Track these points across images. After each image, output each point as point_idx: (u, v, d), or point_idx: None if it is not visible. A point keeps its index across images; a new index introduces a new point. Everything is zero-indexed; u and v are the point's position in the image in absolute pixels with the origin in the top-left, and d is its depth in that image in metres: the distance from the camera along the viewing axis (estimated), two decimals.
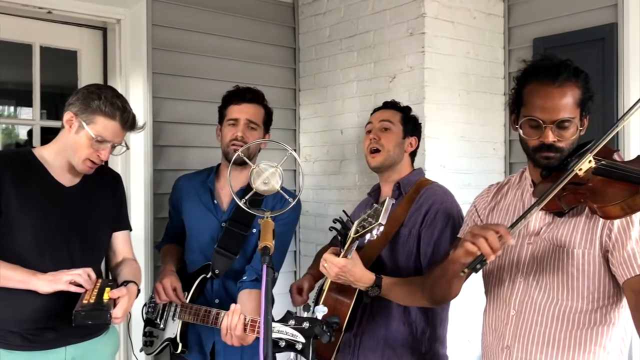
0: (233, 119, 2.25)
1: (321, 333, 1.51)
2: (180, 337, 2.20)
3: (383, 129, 2.14)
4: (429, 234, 1.99)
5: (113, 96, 1.90)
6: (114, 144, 1.91)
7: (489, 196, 1.77)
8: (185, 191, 2.38)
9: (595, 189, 1.40)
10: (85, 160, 1.89)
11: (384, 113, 2.20)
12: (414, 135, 2.20)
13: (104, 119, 1.86)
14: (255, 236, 2.23)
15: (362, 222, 1.82)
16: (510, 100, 1.63)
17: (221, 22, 3.11)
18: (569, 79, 1.50)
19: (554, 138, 1.49)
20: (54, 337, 1.87)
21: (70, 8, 2.65)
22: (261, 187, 1.61)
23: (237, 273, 2.22)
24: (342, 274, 1.84)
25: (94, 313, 1.69)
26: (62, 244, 1.88)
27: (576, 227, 1.51)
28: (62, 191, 1.92)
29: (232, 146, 2.22)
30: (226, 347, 2.17)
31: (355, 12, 3.04)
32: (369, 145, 2.15)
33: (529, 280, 1.57)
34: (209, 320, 2.07)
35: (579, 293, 1.50)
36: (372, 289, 1.87)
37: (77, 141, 1.87)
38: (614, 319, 1.51)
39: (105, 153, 1.91)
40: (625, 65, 2.54)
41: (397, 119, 2.17)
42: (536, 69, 1.55)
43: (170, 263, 2.32)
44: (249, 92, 2.29)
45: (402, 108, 2.23)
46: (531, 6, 2.91)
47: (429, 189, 2.07)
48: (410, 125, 2.19)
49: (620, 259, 1.43)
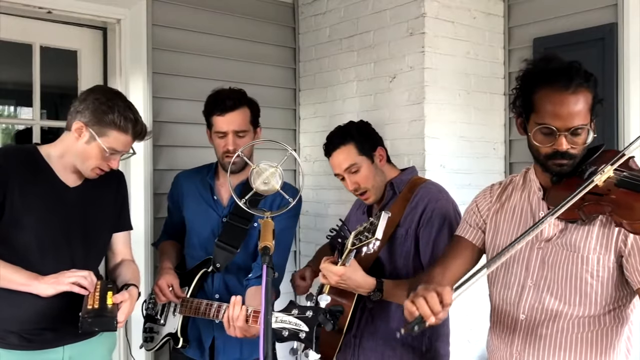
0: (221, 132, 2.21)
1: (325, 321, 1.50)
2: (181, 331, 2.20)
3: (352, 173, 2.07)
4: (426, 233, 1.99)
5: (125, 108, 1.89)
6: (121, 153, 1.92)
7: (492, 197, 1.75)
8: (186, 187, 2.38)
9: (620, 203, 1.35)
10: (95, 169, 1.90)
11: (340, 157, 2.08)
12: (376, 147, 2.12)
13: (117, 133, 1.86)
14: (256, 230, 2.22)
15: (359, 234, 1.81)
16: (515, 102, 1.59)
17: (221, 22, 3.11)
18: (582, 84, 1.46)
19: (567, 146, 1.46)
20: (52, 337, 1.87)
21: (70, 8, 2.65)
22: (261, 187, 1.60)
23: (237, 267, 2.22)
24: (343, 282, 1.84)
25: (100, 320, 1.70)
26: (64, 244, 1.88)
27: (590, 232, 1.49)
28: (66, 191, 1.92)
29: (227, 158, 2.21)
30: (226, 342, 2.19)
31: (355, 12, 3.04)
32: (353, 192, 2.12)
33: (539, 285, 1.55)
34: (210, 313, 2.07)
35: (592, 299, 1.48)
36: (374, 294, 1.87)
37: (86, 150, 1.87)
38: (623, 319, 1.51)
39: (116, 163, 1.93)
40: (625, 65, 2.54)
41: (355, 154, 2.07)
42: (547, 73, 1.50)
43: (167, 261, 2.32)
44: (229, 99, 2.21)
45: (349, 135, 2.09)
46: (531, 6, 2.91)
47: (423, 188, 2.07)
48: (367, 145, 2.09)
49: (636, 265, 1.42)
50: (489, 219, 1.72)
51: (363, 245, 1.77)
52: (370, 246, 1.75)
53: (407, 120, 2.76)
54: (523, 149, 1.66)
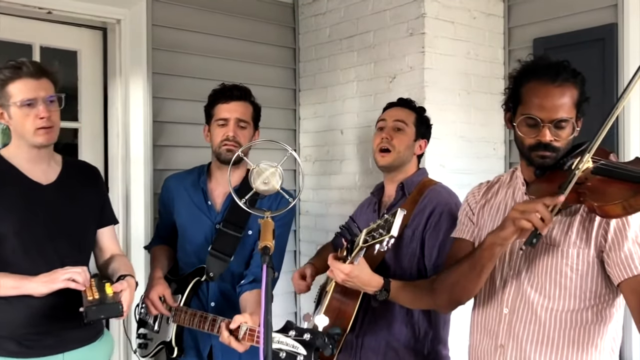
0: (222, 119, 2.20)
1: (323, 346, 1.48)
2: (176, 340, 2.16)
3: (396, 129, 2.11)
4: (434, 236, 1.98)
5: (7, 62, 1.82)
6: (43, 98, 1.81)
7: (479, 194, 1.78)
8: (176, 192, 2.33)
9: (595, 188, 1.40)
10: (36, 131, 1.82)
11: (399, 112, 2.16)
12: (425, 137, 2.18)
13: (12, 84, 1.79)
14: (250, 238, 2.19)
15: (372, 231, 1.77)
16: (506, 98, 1.63)
17: (221, 22, 3.11)
18: (568, 79, 1.50)
19: (551, 137, 1.49)
20: (52, 343, 1.83)
21: (70, 8, 2.65)
22: (261, 187, 1.60)
23: (233, 276, 2.19)
24: (350, 280, 1.82)
25: (105, 307, 1.68)
26: (48, 245, 1.84)
27: (570, 226, 1.51)
28: (40, 190, 1.87)
29: (224, 146, 2.18)
30: (224, 350, 2.13)
31: (355, 12, 3.04)
32: (379, 143, 2.12)
33: (521, 279, 1.57)
34: (204, 326, 2.01)
35: (572, 292, 1.50)
36: (381, 293, 1.85)
37: (15, 122, 1.82)
38: (606, 317, 1.52)
39: (44, 110, 1.80)
40: (625, 65, 2.54)
41: (412, 120, 2.13)
42: (535, 68, 1.55)
43: (158, 269, 2.25)
44: (236, 90, 2.23)
45: (417, 109, 2.19)
46: (531, 6, 2.91)
47: (433, 190, 2.06)
48: (422, 128, 2.16)
49: (617, 260, 1.43)
50: (476, 215, 1.74)
51: (376, 243, 1.74)
52: (384, 244, 1.71)
53: None
54: None
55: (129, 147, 2.83)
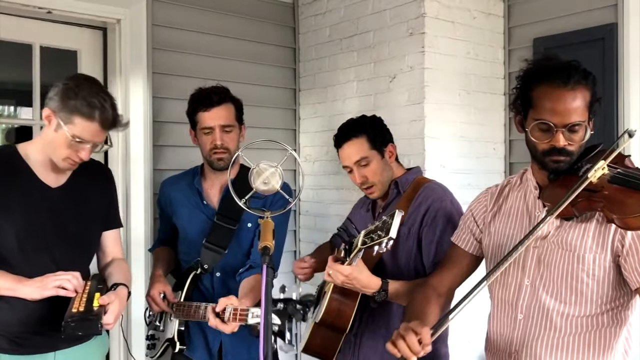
0: (207, 128, 2.20)
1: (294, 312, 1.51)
2: (178, 336, 2.19)
3: (362, 167, 2.05)
4: (430, 233, 1.98)
5: (92, 94, 1.75)
6: (94, 143, 1.81)
7: (488, 201, 1.74)
8: (173, 195, 2.36)
9: (613, 199, 1.36)
10: (66, 159, 1.80)
11: (351, 149, 2.05)
12: (387, 143, 2.11)
13: (81, 120, 1.74)
14: (247, 231, 2.22)
15: (370, 233, 1.76)
16: (514, 100, 1.59)
17: (221, 22, 3.11)
18: (580, 81, 1.46)
19: (565, 142, 1.46)
20: (42, 342, 1.83)
21: (70, 8, 2.65)
22: (261, 187, 1.60)
23: (236, 270, 2.21)
24: (349, 282, 1.82)
25: (84, 323, 1.65)
26: (46, 247, 1.83)
27: (587, 231, 1.48)
28: (48, 193, 1.86)
29: (215, 155, 2.20)
30: (234, 346, 2.19)
31: (355, 12, 3.04)
32: (359, 185, 2.10)
33: (536, 284, 1.54)
34: (199, 315, 2.05)
35: (588, 297, 1.48)
36: (379, 294, 1.86)
37: (55, 139, 1.78)
38: (621, 320, 1.51)
39: (85, 153, 1.80)
40: (625, 65, 2.54)
41: (367, 147, 2.04)
42: (546, 70, 1.50)
43: (159, 268, 2.29)
44: (214, 94, 2.21)
45: (362, 128, 2.07)
46: (531, 6, 2.91)
47: (427, 187, 2.06)
48: (379, 140, 2.07)
49: (635, 265, 1.42)
50: (485, 225, 1.71)
51: (375, 244, 1.72)
52: (382, 245, 1.69)
53: (407, 121, 2.76)
54: (523, 149, 1.66)
55: (129, 147, 2.83)
